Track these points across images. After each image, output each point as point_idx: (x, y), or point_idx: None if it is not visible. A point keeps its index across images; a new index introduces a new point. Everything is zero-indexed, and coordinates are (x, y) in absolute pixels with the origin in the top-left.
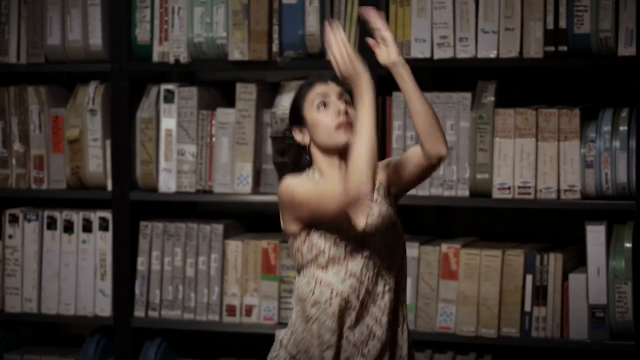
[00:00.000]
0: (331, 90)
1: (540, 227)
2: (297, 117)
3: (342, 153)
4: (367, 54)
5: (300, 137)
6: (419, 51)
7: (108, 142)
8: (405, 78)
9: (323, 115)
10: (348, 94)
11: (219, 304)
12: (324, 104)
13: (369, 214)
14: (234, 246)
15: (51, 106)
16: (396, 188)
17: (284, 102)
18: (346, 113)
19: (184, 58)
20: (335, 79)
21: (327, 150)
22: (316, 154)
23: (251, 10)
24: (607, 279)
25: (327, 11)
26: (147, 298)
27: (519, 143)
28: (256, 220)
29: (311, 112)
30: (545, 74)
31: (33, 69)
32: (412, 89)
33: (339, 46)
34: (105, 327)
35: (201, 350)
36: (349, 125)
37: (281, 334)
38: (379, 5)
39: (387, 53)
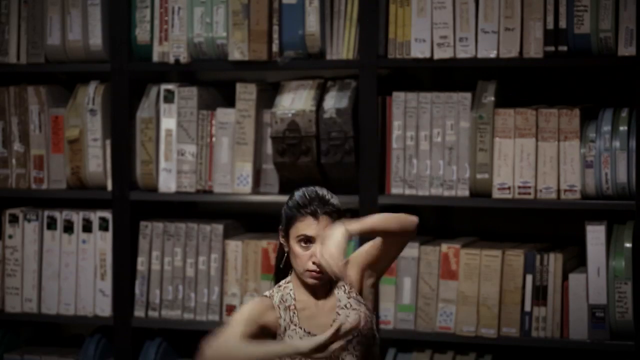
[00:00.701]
0: (318, 232)
1: (540, 227)
2: (285, 227)
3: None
4: (367, 53)
5: (283, 241)
6: (419, 51)
7: (108, 142)
8: (370, 226)
9: (301, 251)
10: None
11: (219, 304)
12: (305, 243)
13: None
14: (234, 246)
15: (51, 106)
16: (377, 272)
17: (284, 102)
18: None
19: (184, 58)
20: (328, 212)
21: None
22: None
23: (251, 10)
24: (607, 279)
25: (327, 11)
26: (147, 298)
27: (519, 143)
28: (256, 220)
29: (294, 241)
30: (545, 74)
31: (33, 69)
32: (376, 226)
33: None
34: (105, 327)
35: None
36: (318, 273)
37: None
38: (379, 5)
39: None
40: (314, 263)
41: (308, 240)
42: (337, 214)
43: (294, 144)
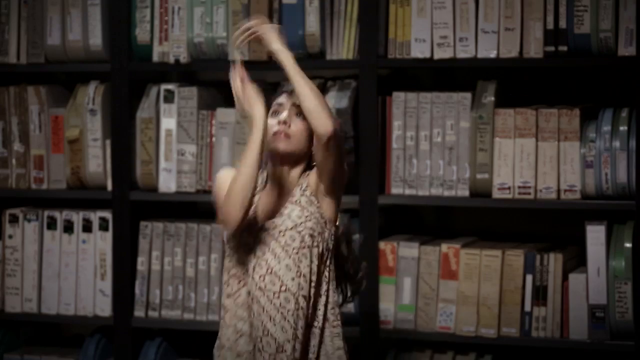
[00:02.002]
0: (288, 101)
1: (540, 227)
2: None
3: (286, 158)
4: (367, 53)
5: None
6: (419, 51)
7: (108, 142)
8: (285, 64)
9: (271, 120)
10: None
11: (218, 304)
12: (276, 112)
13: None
14: None
15: (51, 106)
16: (323, 183)
17: None
18: (285, 123)
19: (184, 58)
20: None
21: (272, 156)
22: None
23: (251, 10)
24: (607, 279)
25: (327, 11)
26: (147, 298)
27: (519, 143)
28: None
29: (269, 116)
30: (545, 74)
31: (33, 69)
32: (291, 74)
33: (236, 86)
34: (105, 327)
35: (201, 350)
36: (285, 135)
37: None
38: (379, 5)
39: (268, 43)
40: (279, 123)
41: (278, 108)
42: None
43: None
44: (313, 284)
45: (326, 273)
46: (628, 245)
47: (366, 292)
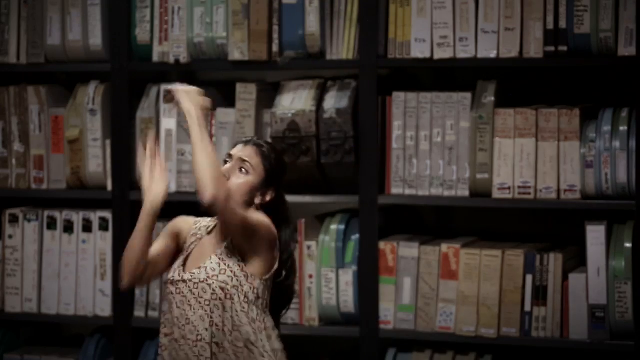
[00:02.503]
0: (237, 154)
1: (540, 227)
2: None
3: None
4: (367, 53)
5: None
6: (419, 51)
7: (108, 142)
8: (189, 125)
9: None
10: (262, 161)
11: None
12: (225, 162)
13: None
14: None
15: (51, 106)
16: (237, 244)
17: (284, 102)
18: (224, 177)
19: (184, 58)
20: (258, 144)
21: None
22: None
23: (251, 10)
24: (607, 279)
25: (327, 11)
26: (147, 298)
27: (519, 143)
28: None
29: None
30: (545, 74)
31: (33, 69)
32: (192, 136)
33: (143, 160)
34: (105, 327)
35: None
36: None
37: None
38: (379, 5)
39: (179, 103)
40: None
41: (228, 159)
42: (265, 150)
43: (294, 144)
44: (231, 332)
45: (254, 325)
46: (628, 245)
47: (366, 292)
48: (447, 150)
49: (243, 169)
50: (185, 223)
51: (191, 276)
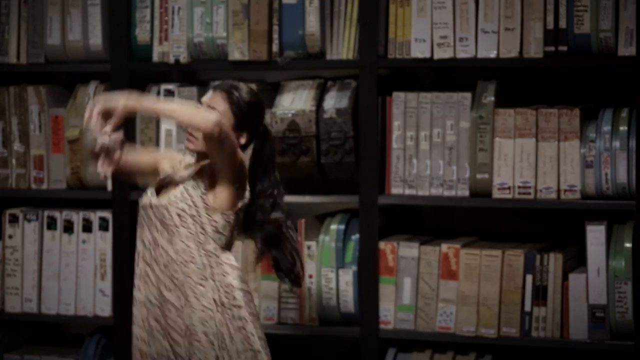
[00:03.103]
0: (206, 101)
1: (540, 227)
2: None
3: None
4: (367, 53)
5: None
6: (419, 51)
7: None
8: (142, 109)
9: None
10: (229, 104)
11: None
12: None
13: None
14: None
15: (51, 106)
16: (214, 172)
17: (284, 102)
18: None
19: (184, 58)
20: (222, 89)
21: None
22: None
23: (251, 10)
24: (607, 279)
25: (327, 11)
26: None
27: (519, 143)
28: None
29: None
30: (545, 74)
31: (33, 69)
32: (155, 110)
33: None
34: (105, 327)
35: None
36: (190, 136)
37: None
38: (379, 5)
39: (114, 108)
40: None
41: (200, 104)
42: (234, 96)
43: (294, 144)
44: (184, 261)
45: (208, 258)
46: (628, 245)
47: (366, 292)
48: (447, 150)
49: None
50: (171, 157)
51: (157, 202)
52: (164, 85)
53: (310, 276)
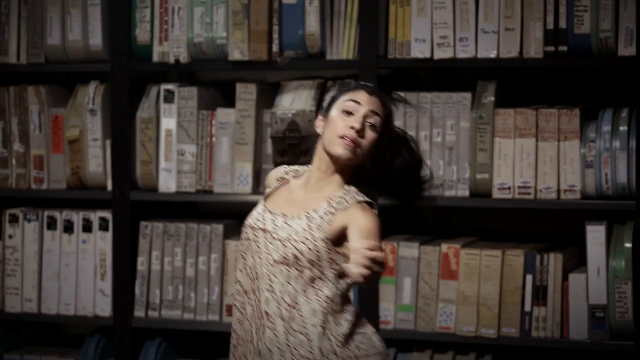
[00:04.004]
0: (366, 105)
1: (540, 227)
2: (328, 106)
3: (337, 165)
4: (367, 53)
5: (320, 125)
6: (419, 51)
7: (108, 142)
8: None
9: (341, 120)
10: (385, 116)
11: (219, 304)
12: (349, 113)
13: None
14: (234, 246)
15: (51, 106)
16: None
17: (284, 102)
18: (358, 132)
19: (184, 58)
20: (379, 95)
21: (329, 155)
22: (320, 151)
23: (251, 10)
24: (607, 279)
25: (327, 11)
26: (147, 298)
27: (519, 143)
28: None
29: (337, 110)
30: (545, 74)
31: (33, 69)
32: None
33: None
34: (105, 327)
35: (201, 350)
36: (352, 143)
37: None
38: (379, 5)
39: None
40: (352, 128)
41: (353, 108)
42: (388, 111)
43: (294, 144)
44: (285, 306)
45: (324, 305)
46: (628, 245)
47: (366, 292)
48: (447, 150)
49: (372, 124)
50: (272, 176)
51: (273, 228)
52: (164, 85)
53: None
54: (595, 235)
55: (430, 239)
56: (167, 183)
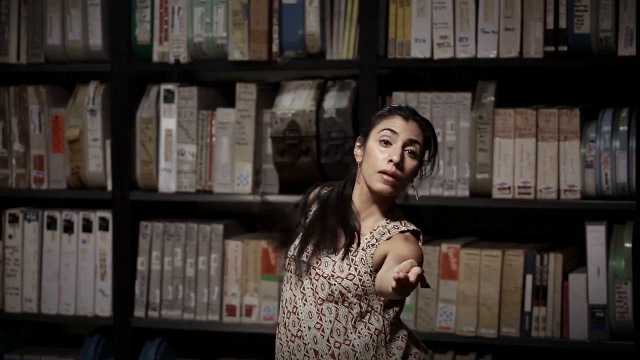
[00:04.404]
0: (404, 133)
1: (540, 227)
2: (366, 131)
3: (378, 197)
4: (367, 53)
5: (358, 153)
6: (419, 51)
7: (108, 142)
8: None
9: (379, 152)
10: (424, 139)
11: (219, 304)
12: (387, 142)
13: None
14: (234, 246)
15: (51, 106)
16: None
17: (284, 102)
18: (398, 165)
19: (184, 58)
20: (416, 119)
21: (369, 189)
22: (361, 183)
23: (251, 10)
24: (607, 279)
25: (327, 11)
26: (147, 298)
27: (519, 143)
28: (256, 220)
29: (374, 140)
30: (545, 74)
31: (33, 69)
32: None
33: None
34: (105, 327)
35: (201, 350)
36: (392, 177)
37: None
38: (379, 5)
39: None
40: (390, 162)
41: (390, 137)
42: (428, 132)
43: (294, 144)
44: (336, 343)
45: (375, 337)
46: (628, 245)
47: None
48: (447, 150)
49: (412, 152)
50: (311, 197)
51: (316, 263)
52: (164, 85)
53: None
54: (595, 235)
55: (430, 239)
56: (167, 183)
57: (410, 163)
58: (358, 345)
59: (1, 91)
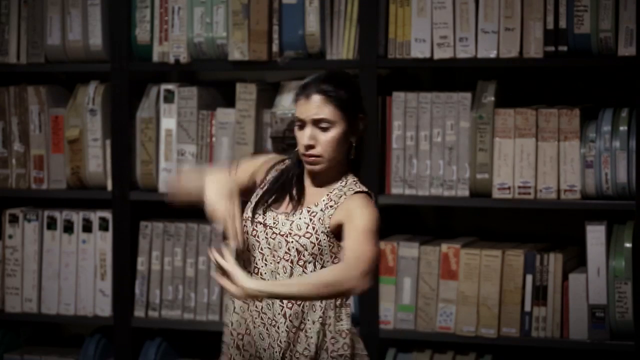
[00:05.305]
0: (307, 114)
1: (540, 227)
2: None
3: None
4: (367, 53)
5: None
6: (419, 51)
7: (108, 142)
8: (280, 295)
9: (299, 137)
10: (335, 106)
11: (219, 304)
12: (300, 127)
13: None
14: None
15: (51, 106)
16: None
17: (284, 102)
18: (313, 147)
19: (184, 58)
20: (320, 90)
21: None
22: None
23: (251, 10)
24: (607, 279)
25: (327, 11)
26: (147, 298)
27: (519, 143)
28: None
29: (295, 128)
30: (545, 74)
31: (33, 69)
32: (292, 295)
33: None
34: (105, 327)
35: (201, 350)
36: (314, 158)
37: None
38: (379, 5)
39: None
40: (306, 146)
41: (300, 122)
42: (338, 93)
43: (294, 144)
44: (288, 303)
45: (325, 301)
46: (628, 245)
47: (366, 292)
48: (447, 150)
49: (323, 127)
50: (263, 167)
51: (274, 223)
52: (164, 85)
53: None
54: (595, 235)
55: (430, 239)
56: (167, 183)
57: (326, 136)
58: (306, 305)
59: (1, 91)
